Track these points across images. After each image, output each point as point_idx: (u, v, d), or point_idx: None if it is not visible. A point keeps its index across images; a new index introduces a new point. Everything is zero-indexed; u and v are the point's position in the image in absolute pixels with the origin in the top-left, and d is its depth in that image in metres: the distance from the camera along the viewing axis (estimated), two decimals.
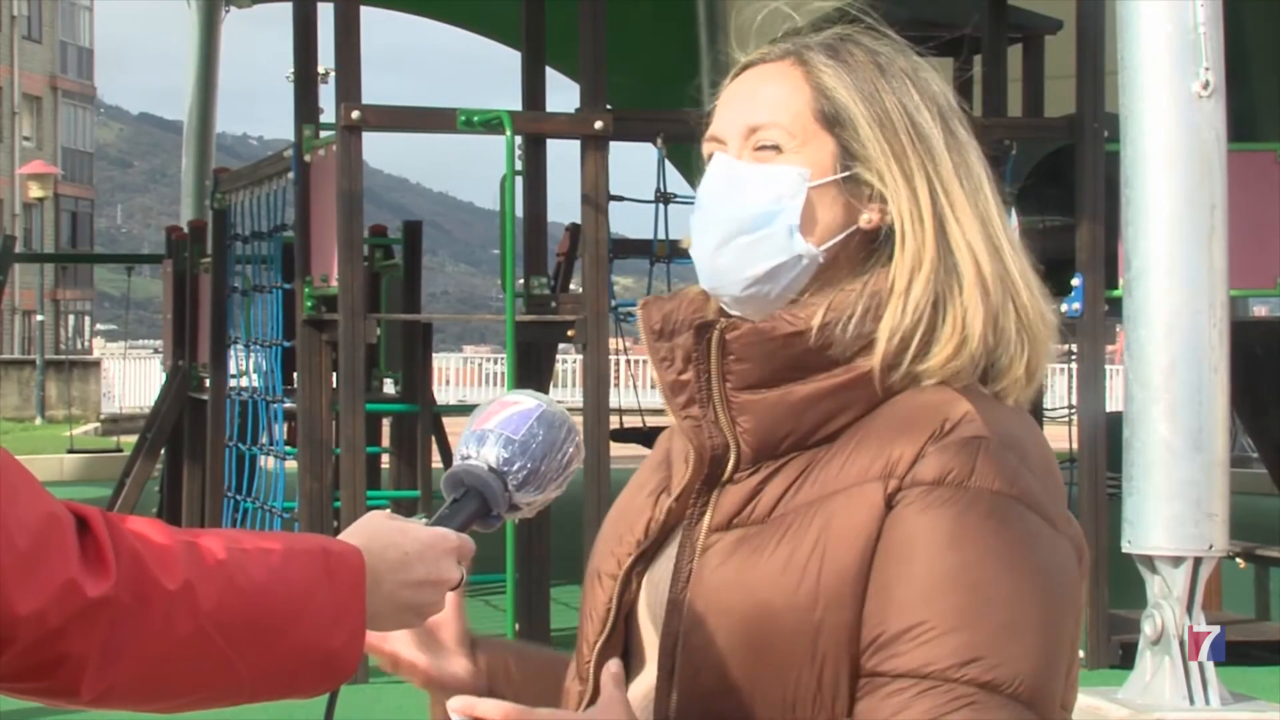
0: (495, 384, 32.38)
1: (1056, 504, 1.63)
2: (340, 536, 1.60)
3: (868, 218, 1.69)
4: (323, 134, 8.44)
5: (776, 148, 1.70)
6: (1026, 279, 1.71)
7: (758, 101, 1.72)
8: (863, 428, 1.64)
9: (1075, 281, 8.23)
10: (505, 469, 1.66)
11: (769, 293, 1.69)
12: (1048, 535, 1.60)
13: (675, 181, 10.18)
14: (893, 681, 1.56)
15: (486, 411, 1.69)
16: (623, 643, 1.72)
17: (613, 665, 1.65)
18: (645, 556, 1.72)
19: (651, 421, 13.42)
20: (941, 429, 1.61)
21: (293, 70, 8.82)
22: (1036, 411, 10.05)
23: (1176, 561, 6.17)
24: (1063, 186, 8.66)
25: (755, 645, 1.61)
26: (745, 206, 1.70)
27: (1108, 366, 10.19)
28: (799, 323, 1.65)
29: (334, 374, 8.39)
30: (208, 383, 11.09)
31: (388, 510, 1.69)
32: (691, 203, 1.79)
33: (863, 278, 1.68)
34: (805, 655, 1.59)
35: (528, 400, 1.70)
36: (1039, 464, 1.63)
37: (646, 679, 1.69)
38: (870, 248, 1.70)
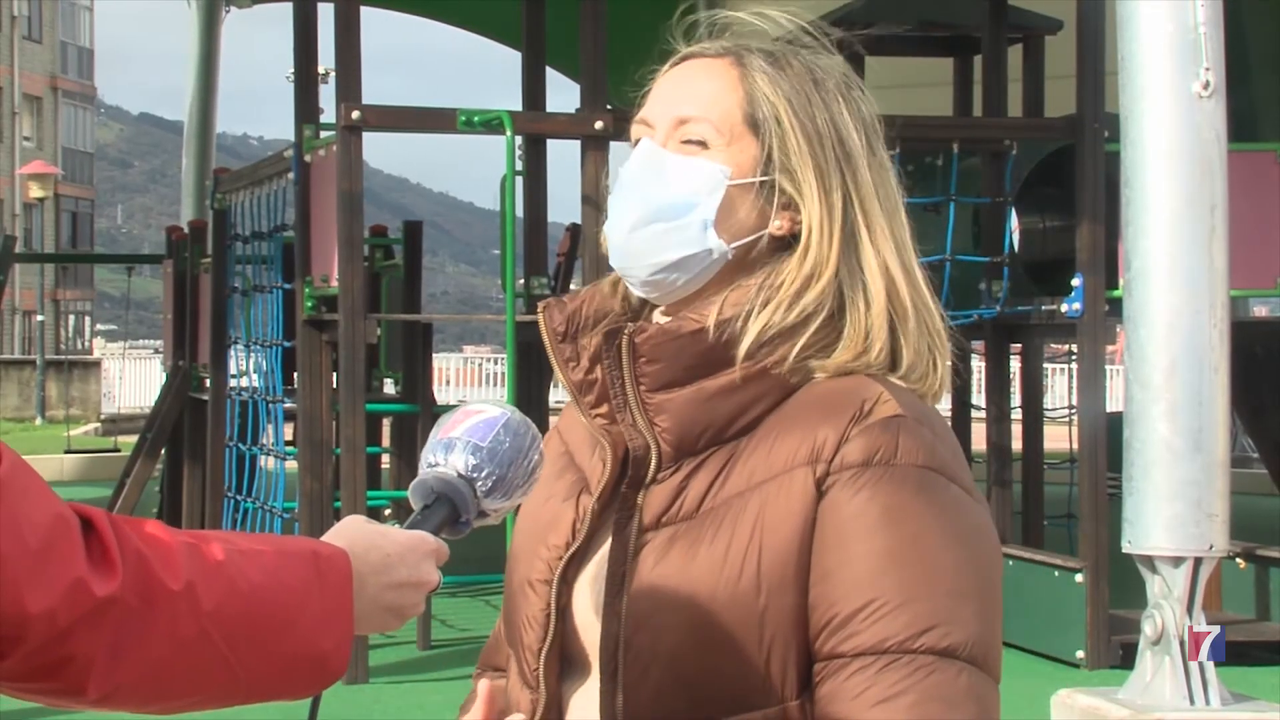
0: (495, 384, 32.40)
1: (967, 474, 1.69)
2: (323, 538, 1.61)
3: (778, 224, 1.73)
4: (323, 134, 8.44)
5: (703, 143, 1.74)
6: (931, 298, 1.76)
7: (691, 95, 1.76)
8: (780, 416, 1.69)
9: (1075, 282, 8.23)
10: (474, 475, 1.67)
11: (676, 280, 1.74)
12: (968, 503, 1.67)
13: None
14: (853, 661, 1.60)
15: (452, 420, 1.71)
16: (562, 648, 1.74)
17: (481, 687, 1.75)
18: (575, 559, 1.74)
19: None
20: (861, 410, 1.66)
21: (293, 70, 8.82)
22: (1037, 413, 10.06)
23: (1177, 562, 6.17)
24: (1063, 187, 8.66)
25: (703, 638, 1.63)
26: (664, 194, 1.74)
27: (1108, 367, 10.20)
28: (701, 320, 1.70)
29: (334, 374, 8.39)
30: (208, 383, 11.09)
31: (388, 510, 1.70)
32: None
33: (759, 276, 1.72)
34: (753, 643, 1.62)
35: (492, 409, 1.71)
36: (946, 437, 1.70)
37: (590, 687, 1.71)
38: (780, 252, 1.74)
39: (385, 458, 11.09)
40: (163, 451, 12.19)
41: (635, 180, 1.76)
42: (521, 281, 8.56)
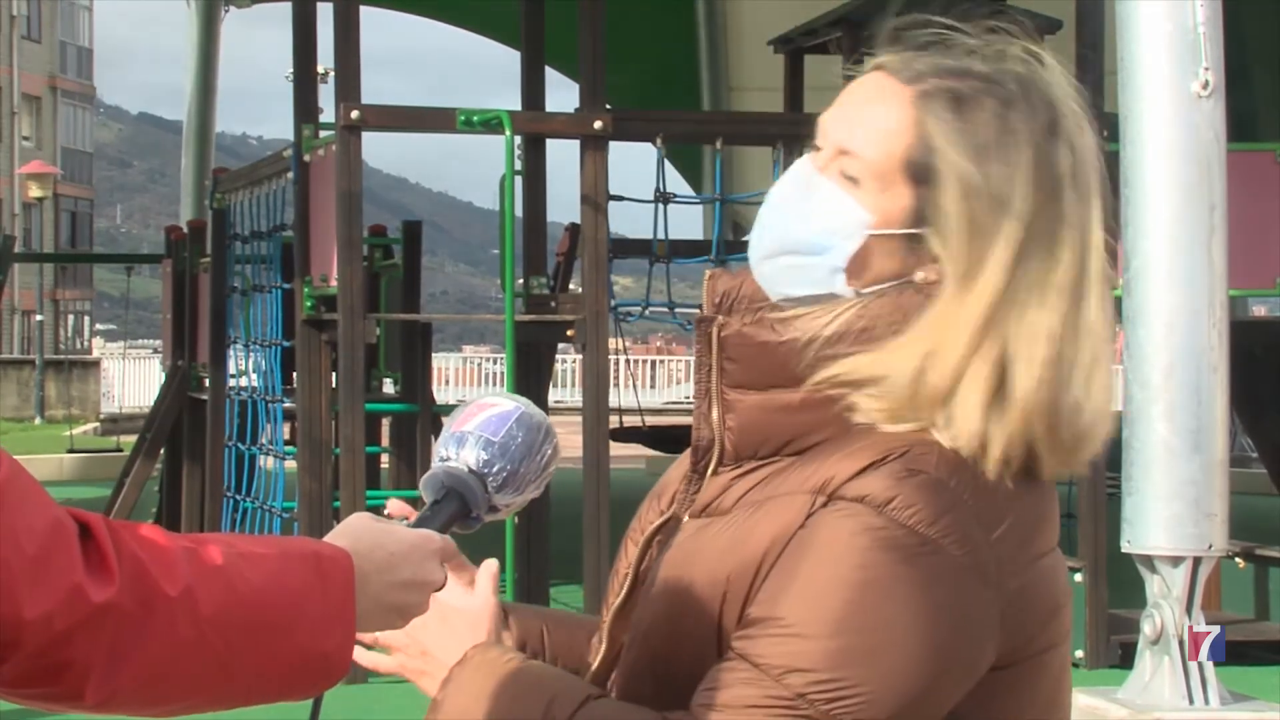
0: (495, 384, 32.38)
1: (996, 553, 1.58)
2: (327, 538, 1.61)
3: (923, 276, 1.63)
4: (322, 134, 8.44)
5: (856, 181, 1.65)
6: (1089, 374, 1.62)
7: (860, 122, 1.66)
8: (830, 445, 1.64)
9: None
10: (485, 471, 1.67)
11: (800, 308, 1.68)
12: (953, 584, 1.56)
13: (675, 181, 10.18)
14: (734, 660, 1.58)
15: (465, 413, 1.70)
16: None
17: (491, 565, 1.77)
18: (667, 527, 1.74)
19: (651, 421, 13.42)
20: (885, 457, 1.59)
21: (292, 70, 8.82)
22: None
23: (1176, 561, 6.17)
24: None
25: (675, 626, 1.65)
26: (802, 229, 1.67)
27: None
28: (775, 334, 1.65)
29: (333, 374, 8.39)
30: (207, 383, 11.09)
31: (387, 510, 1.70)
32: (691, 202, 1.80)
33: (885, 300, 1.64)
34: (709, 640, 1.62)
35: (506, 402, 1.71)
36: (997, 513, 1.59)
37: None
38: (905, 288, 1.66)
39: (384, 457, 11.09)
40: (162, 451, 12.18)
41: (781, 203, 1.69)
42: (521, 281, 8.55)
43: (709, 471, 1.71)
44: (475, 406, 1.71)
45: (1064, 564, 1.70)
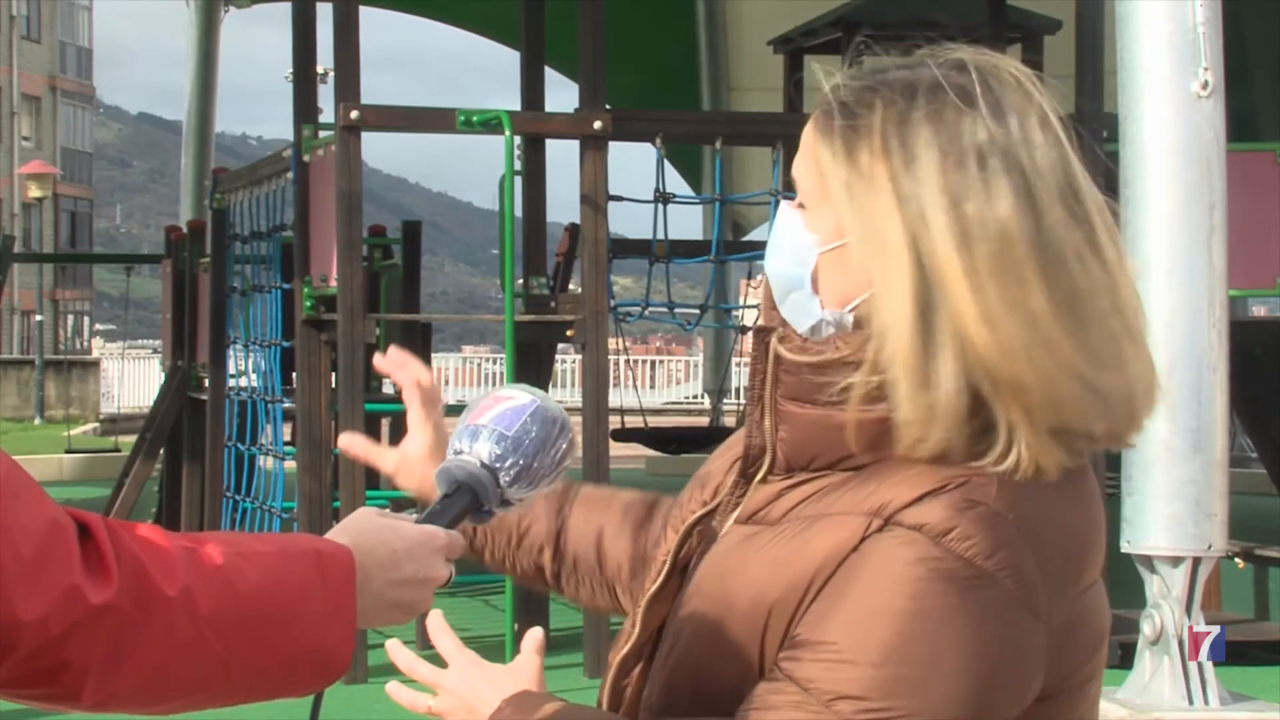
0: (495, 384, 32.27)
1: (1032, 587, 1.57)
2: (330, 534, 1.61)
3: (880, 277, 1.60)
4: (322, 134, 8.44)
5: (803, 206, 1.66)
6: (1082, 364, 1.57)
7: (804, 150, 1.66)
8: (888, 466, 1.62)
9: None
10: (497, 465, 1.66)
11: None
12: (1006, 617, 1.56)
13: (674, 181, 10.19)
14: (781, 680, 1.58)
15: (481, 406, 1.70)
16: (674, 597, 1.74)
17: (536, 633, 1.77)
18: (708, 518, 1.74)
19: (652, 421, 13.42)
20: (944, 485, 1.58)
21: (292, 70, 8.82)
22: None
23: (1175, 561, 6.17)
24: None
25: (717, 635, 1.64)
26: (782, 265, 1.67)
27: None
28: (828, 352, 1.63)
29: (333, 374, 8.39)
30: (207, 383, 11.09)
31: (387, 510, 1.69)
32: (690, 202, 1.80)
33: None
34: (752, 655, 1.62)
35: (522, 395, 1.70)
36: (1051, 547, 1.59)
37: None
38: None
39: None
40: (161, 451, 12.18)
41: (772, 245, 1.69)
42: (520, 281, 8.56)
43: (758, 478, 1.70)
44: (491, 399, 1.70)
45: (1104, 593, 1.69)
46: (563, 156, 9.24)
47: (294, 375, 8.88)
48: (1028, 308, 1.56)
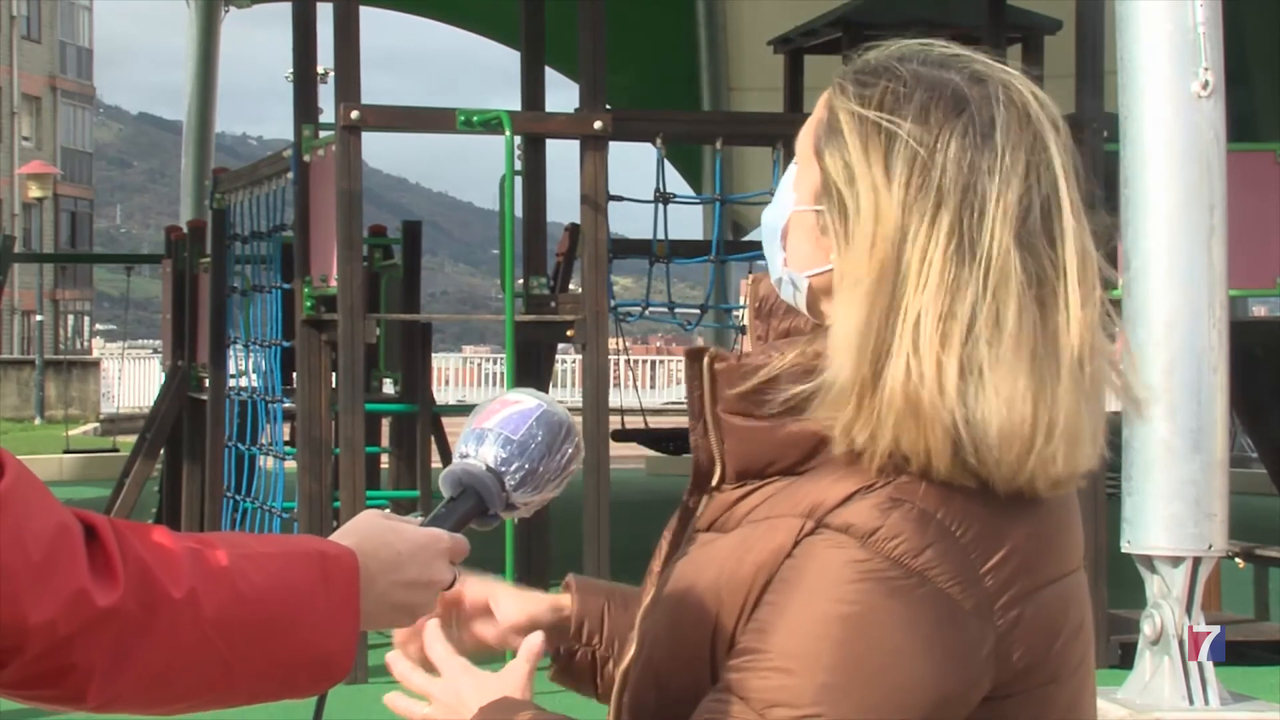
0: (495, 384, 32.39)
1: (963, 584, 1.55)
2: (334, 536, 1.61)
3: (834, 257, 1.60)
4: (322, 134, 8.44)
5: (797, 164, 1.69)
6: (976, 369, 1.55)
7: (818, 111, 1.68)
8: (827, 467, 1.62)
9: None
10: (503, 469, 1.66)
11: (788, 300, 1.71)
12: (938, 616, 1.54)
13: (674, 181, 10.18)
14: (721, 692, 1.58)
15: (487, 410, 1.70)
16: None
17: (533, 640, 1.73)
18: (685, 530, 1.76)
19: (653, 422, 13.42)
20: (873, 483, 1.57)
21: (292, 70, 8.82)
22: None
23: (1176, 561, 6.17)
24: None
25: (676, 642, 1.65)
26: (770, 211, 1.71)
27: None
28: (765, 363, 1.64)
29: (333, 374, 8.39)
30: (207, 383, 11.09)
31: (387, 509, 1.70)
32: (690, 202, 1.80)
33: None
34: (704, 660, 1.63)
35: (528, 400, 1.70)
36: (989, 543, 1.56)
37: None
38: None
39: (385, 458, 11.09)
40: (162, 451, 12.18)
41: (779, 187, 1.73)
42: (521, 281, 8.56)
43: (712, 488, 1.71)
44: (498, 403, 1.70)
45: (1078, 590, 1.66)
46: (563, 156, 9.24)
47: (294, 375, 8.88)
48: (999, 320, 1.55)
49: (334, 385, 8.35)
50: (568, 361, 29.04)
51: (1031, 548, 1.59)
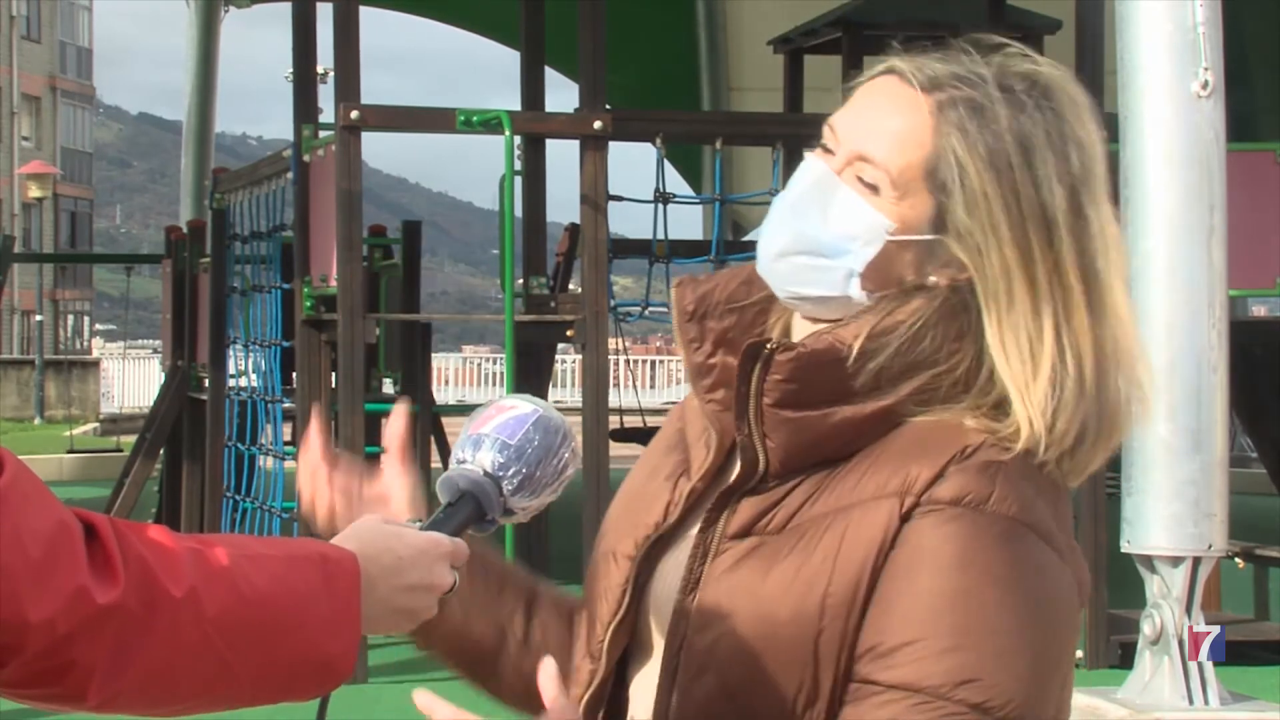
0: (495, 384, 32.39)
1: (1065, 535, 1.64)
2: (335, 540, 1.61)
3: (934, 280, 1.65)
4: (322, 134, 8.44)
5: (875, 188, 1.65)
6: (1128, 364, 1.66)
7: (878, 131, 1.66)
8: (882, 446, 1.64)
9: None
10: (500, 474, 1.66)
11: (809, 310, 1.70)
12: (1054, 566, 1.61)
13: (674, 181, 10.18)
14: (886, 691, 1.57)
15: (483, 415, 1.69)
16: (633, 625, 1.73)
17: (549, 666, 1.61)
18: (663, 540, 1.73)
19: (652, 421, 13.41)
20: (963, 452, 1.60)
21: (292, 70, 8.83)
22: None
23: (1176, 561, 6.17)
24: None
25: (757, 651, 1.62)
26: (820, 231, 1.67)
27: None
28: (842, 348, 1.64)
29: (333, 374, 8.39)
30: (207, 383, 11.09)
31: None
32: (690, 202, 1.79)
33: (910, 305, 1.65)
34: (804, 663, 1.60)
35: (524, 405, 1.70)
36: (1051, 494, 1.63)
37: (651, 673, 1.71)
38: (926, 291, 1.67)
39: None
40: (161, 451, 12.18)
41: (798, 202, 1.68)
42: (520, 281, 8.56)
43: (746, 489, 1.68)
44: (494, 409, 1.70)
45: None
46: (563, 156, 9.24)
47: (294, 375, 8.88)
48: (1104, 306, 1.65)
49: (334, 385, 8.35)
50: (567, 362, 29.04)
51: (1068, 514, 1.69)
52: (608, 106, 8.24)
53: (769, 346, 1.66)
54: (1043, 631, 1.59)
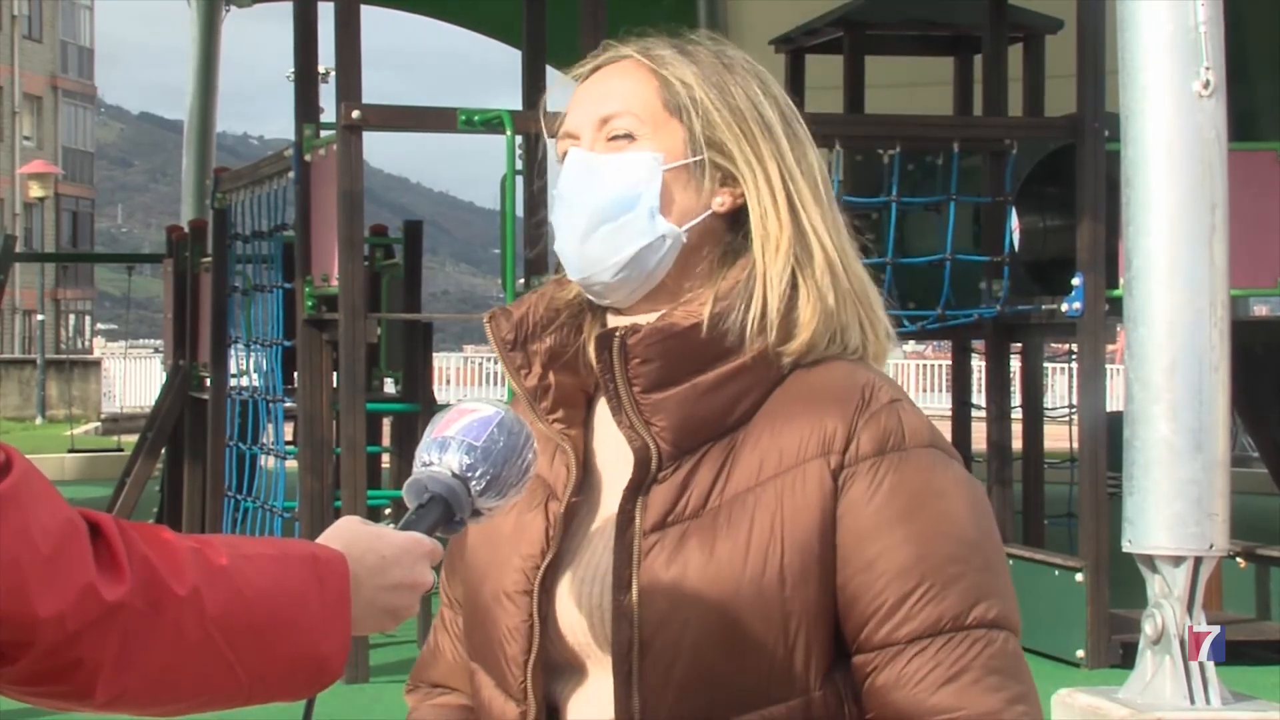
0: (495, 384, 32.39)
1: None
2: (319, 540, 1.62)
3: (720, 200, 1.75)
4: (323, 133, 8.44)
5: (629, 135, 1.75)
6: (856, 259, 1.79)
7: (607, 94, 1.78)
8: (775, 405, 1.70)
9: (1075, 281, 8.22)
10: (468, 475, 1.67)
11: (638, 275, 1.74)
12: (967, 475, 1.72)
13: None
14: (908, 646, 1.62)
15: (446, 419, 1.70)
16: (547, 656, 1.74)
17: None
18: (553, 566, 1.74)
19: None
20: (863, 399, 1.69)
21: (293, 69, 8.82)
22: (1038, 412, 10.05)
23: (1177, 561, 6.17)
24: (1063, 186, 8.66)
25: (727, 633, 1.64)
26: (606, 194, 1.74)
27: (1108, 366, 10.19)
28: (692, 316, 1.70)
29: (334, 373, 8.39)
30: (208, 382, 11.09)
31: (389, 509, 1.70)
32: None
33: (739, 263, 1.73)
34: (777, 636, 1.63)
35: (486, 407, 1.71)
36: (908, 398, 1.75)
37: (593, 690, 1.71)
38: (731, 232, 1.76)
39: (386, 457, 11.09)
40: (163, 451, 12.19)
41: (573, 190, 1.77)
42: (522, 281, 8.55)
43: (649, 481, 1.70)
44: (456, 412, 1.71)
45: None
46: None
47: (295, 375, 8.88)
48: (834, 215, 1.78)
49: (335, 385, 8.35)
50: None
51: None
52: None
53: (617, 334, 1.71)
54: (994, 536, 1.70)
